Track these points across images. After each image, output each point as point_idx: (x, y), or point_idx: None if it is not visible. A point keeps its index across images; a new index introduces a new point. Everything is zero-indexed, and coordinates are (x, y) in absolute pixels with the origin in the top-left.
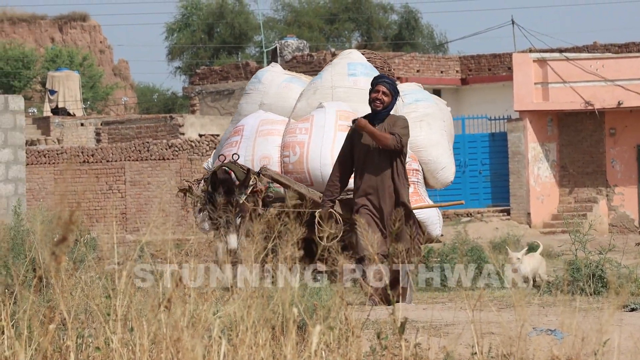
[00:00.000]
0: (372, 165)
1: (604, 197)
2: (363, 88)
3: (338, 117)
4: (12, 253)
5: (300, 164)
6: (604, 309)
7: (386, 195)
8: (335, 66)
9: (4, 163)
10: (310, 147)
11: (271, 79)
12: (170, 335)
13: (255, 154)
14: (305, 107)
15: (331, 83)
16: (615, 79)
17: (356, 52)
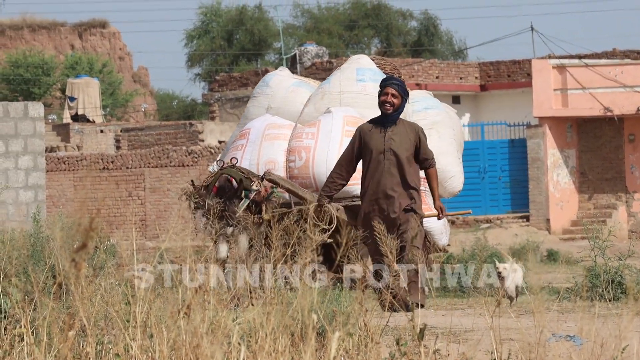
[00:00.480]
0: (383, 170)
1: (623, 203)
2: (371, 94)
3: (345, 123)
4: (32, 260)
5: (305, 168)
6: (623, 315)
7: (396, 201)
8: (344, 71)
9: (23, 170)
10: (316, 152)
11: (279, 83)
12: (190, 342)
13: (261, 158)
14: (312, 111)
15: (339, 88)
16: (634, 85)
17: (365, 58)
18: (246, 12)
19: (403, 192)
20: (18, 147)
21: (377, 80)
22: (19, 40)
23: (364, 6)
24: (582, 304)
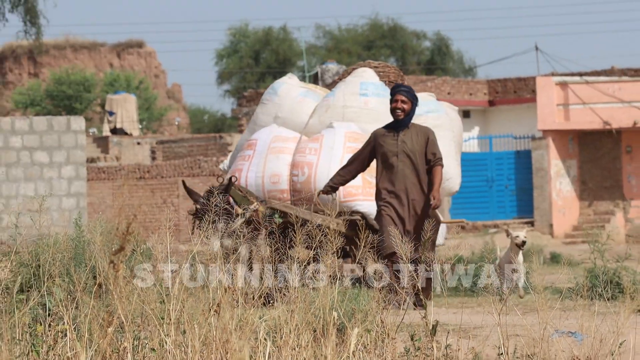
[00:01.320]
0: (397, 172)
1: (620, 209)
2: (373, 108)
3: (346, 139)
4: (74, 262)
5: (308, 184)
6: (621, 313)
7: (410, 202)
8: (348, 85)
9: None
10: (318, 169)
11: (287, 92)
12: (220, 337)
13: (266, 171)
14: (317, 124)
15: (343, 102)
16: (631, 101)
17: (369, 71)
18: (272, 33)
19: (418, 194)
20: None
21: (380, 94)
22: (62, 59)
23: (381, 27)
24: (583, 303)
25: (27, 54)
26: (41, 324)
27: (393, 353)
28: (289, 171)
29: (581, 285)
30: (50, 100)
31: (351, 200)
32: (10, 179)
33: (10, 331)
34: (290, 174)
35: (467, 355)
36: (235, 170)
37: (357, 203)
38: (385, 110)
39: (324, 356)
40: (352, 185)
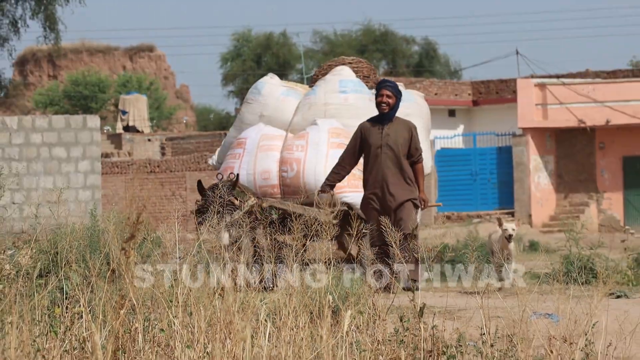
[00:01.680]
0: (381, 163)
1: (594, 201)
2: (353, 104)
3: (330, 135)
4: (89, 249)
5: (297, 179)
6: (594, 296)
7: (394, 192)
8: (328, 83)
9: (82, 173)
10: (306, 164)
11: (270, 92)
12: (224, 319)
13: (257, 168)
14: (300, 121)
15: (324, 100)
16: (604, 101)
17: (347, 69)
18: (273, 38)
19: (400, 184)
20: (78, 154)
21: (358, 91)
22: (79, 62)
23: (373, 33)
24: (559, 287)
25: (47, 58)
26: (59, 307)
27: (383, 333)
28: (278, 167)
29: (557, 271)
30: (67, 100)
31: (338, 192)
32: (31, 172)
33: (30, 313)
34: (279, 170)
35: (452, 335)
36: (227, 167)
37: (344, 195)
38: (364, 105)
39: (320, 336)
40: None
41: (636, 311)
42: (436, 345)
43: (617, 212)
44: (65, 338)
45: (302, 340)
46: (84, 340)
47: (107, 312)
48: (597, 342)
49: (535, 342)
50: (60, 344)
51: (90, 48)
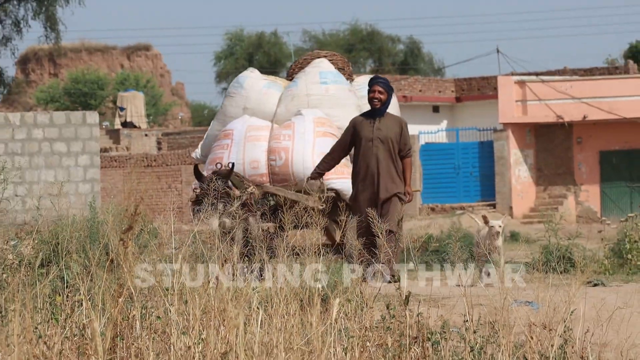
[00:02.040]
0: (372, 156)
1: (572, 193)
2: (334, 95)
3: (315, 125)
4: (89, 240)
5: (285, 167)
6: (572, 285)
7: (382, 184)
8: (309, 75)
9: (82, 167)
10: (294, 153)
11: (252, 85)
12: (218, 307)
13: (246, 158)
14: (284, 112)
15: (306, 91)
16: (581, 97)
17: (325, 61)
18: (264, 37)
19: (390, 177)
20: (78, 148)
21: (337, 81)
22: (78, 60)
23: (360, 32)
24: (539, 276)
25: (48, 56)
26: (60, 295)
27: (371, 320)
28: (266, 157)
29: (537, 260)
30: (68, 97)
31: (325, 179)
32: (33, 166)
33: (32, 301)
34: (267, 159)
35: (437, 322)
36: (215, 158)
37: (332, 181)
38: (344, 96)
39: (310, 323)
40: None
41: (612, 299)
42: (421, 331)
43: (594, 204)
44: (66, 325)
45: (293, 327)
46: (84, 327)
47: (106, 301)
48: (575, 329)
49: (516, 328)
50: (61, 330)
51: (90, 47)
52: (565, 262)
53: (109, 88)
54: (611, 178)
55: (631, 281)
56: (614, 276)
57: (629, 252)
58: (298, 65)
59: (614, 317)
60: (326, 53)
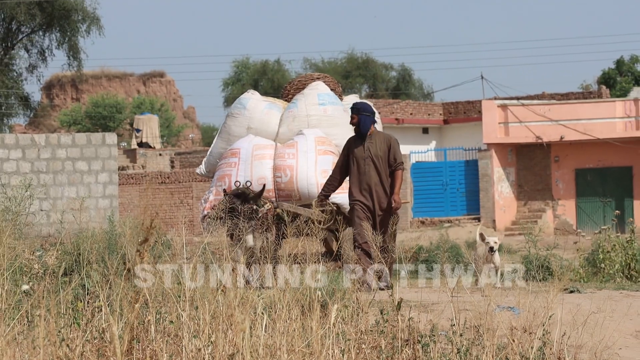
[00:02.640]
0: (365, 173)
1: (550, 208)
2: (331, 115)
3: (317, 143)
4: (108, 250)
5: (290, 184)
6: (550, 292)
7: (376, 199)
8: (307, 96)
9: (102, 184)
10: (298, 170)
11: (254, 106)
12: (226, 312)
13: (254, 175)
14: (286, 132)
15: (306, 112)
16: (558, 119)
17: (321, 84)
18: (268, 65)
19: (381, 192)
20: (98, 167)
21: (334, 102)
22: (99, 86)
23: (356, 60)
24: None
25: (71, 83)
26: (81, 301)
27: (366, 324)
28: (272, 174)
29: (518, 269)
30: (89, 120)
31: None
32: (57, 183)
33: (56, 307)
34: (273, 176)
35: (426, 326)
36: (224, 175)
37: (333, 196)
38: (340, 115)
39: (310, 327)
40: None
41: (587, 304)
42: (412, 334)
43: (570, 217)
44: (86, 329)
45: (295, 331)
46: (103, 331)
47: (124, 306)
48: (553, 332)
49: (499, 332)
50: (83, 334)
51: (109, 74)
52: (544, 270)
53: (126, 111)
54: (586, 193)
55: (604, 288)
56: (588, 284)
57: (602, 261)
58: (293, 86)
59: (589, 321)
60: (318, 75)
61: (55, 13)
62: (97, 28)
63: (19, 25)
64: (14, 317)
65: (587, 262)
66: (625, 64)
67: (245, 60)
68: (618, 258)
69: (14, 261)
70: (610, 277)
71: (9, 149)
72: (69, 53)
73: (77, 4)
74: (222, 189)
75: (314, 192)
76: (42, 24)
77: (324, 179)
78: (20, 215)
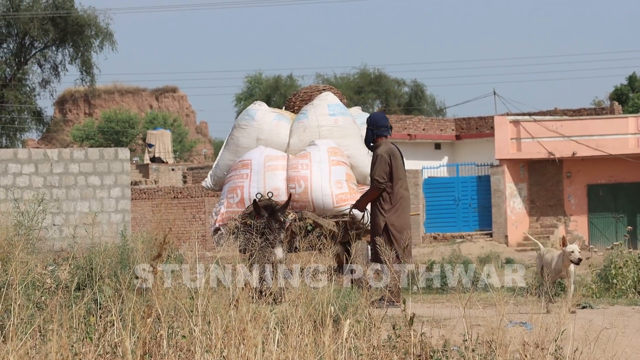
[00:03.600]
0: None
1: (562, 223)
2: (342, 126)
3: (330, 154)
4: (120, 265)
5: (305, 194)
6: (562, 307)
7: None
8: (318, 107)
9: (114, 198)
10: (312, 181)
11: (263, 117)
12: (238, 327)
13: (267, 187)
14: (297, 143)
15: (317, 122)
16: (570, 135)
17: (331, 95)
18: (281, 80)
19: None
20: (110, 182)
21: (344, 113)
22: (111, 101)
23: (368, 76)
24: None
25: (83, 98)
26: (93, 316)
27: (378, 339)
28: (286, 185)
29: (531, 285)
30: (101, 135)
31: (342, 205)
32: (70, 198)
33: (69, 321)
34: (287, 187)
35: (438, 341)
36: (236, 187)
37: (348, 207)
38: (350, 126)
39: (323, 342)
40: (342, 192)
41: (599, 320)
42: (424, 350)
43: (582, 233)
44: (99, 343)
45: (307, 346)
46: (115, 345)
47: (136, 321)
48: (566, 348)
49: (511, 347)
50: (95, 348)
51: (122, 89)
52: (556, 286)
53: (139, 126)
54: (598, 209)
55: (616, 304)
56: (600, 299)
57: (614, 277)
58: (299, 98)
59: (601, 336)
60: (324, 86)
61: (68, 28)
62: (110, 43)
63: (32, 40)
64: (27, 332)
65: (599, 278)
66: (637, 80)
67: (258, 76)
68: (630, 274)
69: (26, 276)
70: (623, 293)
71: (21, 163)
72: (82, 68)
73: (90, 19)
74: (234, 201)
75: (329, 203)
76: (55, 39)
77: (338, 189)
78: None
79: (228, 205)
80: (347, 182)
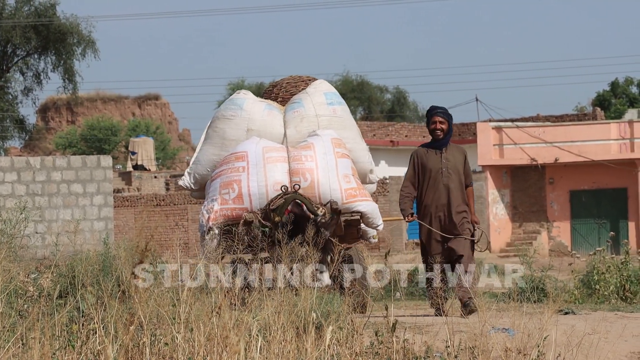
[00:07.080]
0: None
1: (545, 229)
2: (341, 116)
3: (334, 145)
4: (103, 273)
5: (312, 188)
6: (545, 313)
7: (454, 215)
8: (313, 96)
9: (97, 206)
10: (319, 174)
11: (252, 106)
12: (220, 334)
13: (268, 180)
14: (295, 134)
15: (315, 112)
16: (553, 141)
17: (326, 83)
18: (263, 87)
19: (462, 206)
20: (93, 189)
21: (341, 103)
22: (94, 109)
23: (351, 83)
24: (514, 305)
25: (66, 105)
26: (76, 324)
27: (361, 346)
28: (289, 178)
29: (513, 291)
30: (84, 143)
31: (352, 202)
32: (52, 206)
33: (51, 329)
34: (290, 181)
35: (421, 348)
36: (231, 181)
37: (358, 204)
38: (348, 117)
39: (305, 349)
40: (351, 187)
41: (582, 326)
42: (407, 356)
43: (565, 239)
44: (81, 351)
45: (290, 353)
46: (98, 353)
47: (118, 328)
48: (548, 353)
49: (494, 353)
50: (77, 356)
51: (104, 97)
52: (539, 292)
53: (121, 134)
54: (580, 215)
55: (599, 309)
56: (583, 305)
57: (597, 283)
58: (282, 88)
59: (583, 342)
60: (308, 77)
61: (50, 36)
62: (93, 51)
63: (15, 48)
64: (9, 340)
65: (582, 284)
66: (619, 86)
67: (241, 83)
68: (613, 279)
69: (8, 284)
70: (605, 299)
71: (4, 171)
72: (65, 76)
73: (73, 27)
74: (230, 197)
75: (338, 199)
76: (37, 47)
77: (347, 184)
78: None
79: (223, 202)
80: (354, 176)
